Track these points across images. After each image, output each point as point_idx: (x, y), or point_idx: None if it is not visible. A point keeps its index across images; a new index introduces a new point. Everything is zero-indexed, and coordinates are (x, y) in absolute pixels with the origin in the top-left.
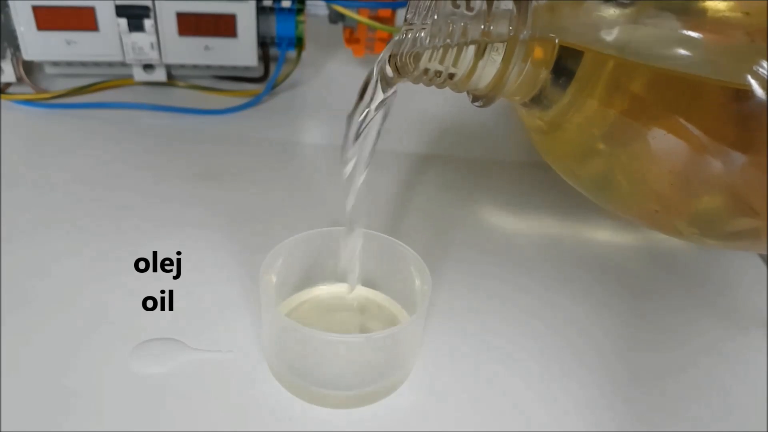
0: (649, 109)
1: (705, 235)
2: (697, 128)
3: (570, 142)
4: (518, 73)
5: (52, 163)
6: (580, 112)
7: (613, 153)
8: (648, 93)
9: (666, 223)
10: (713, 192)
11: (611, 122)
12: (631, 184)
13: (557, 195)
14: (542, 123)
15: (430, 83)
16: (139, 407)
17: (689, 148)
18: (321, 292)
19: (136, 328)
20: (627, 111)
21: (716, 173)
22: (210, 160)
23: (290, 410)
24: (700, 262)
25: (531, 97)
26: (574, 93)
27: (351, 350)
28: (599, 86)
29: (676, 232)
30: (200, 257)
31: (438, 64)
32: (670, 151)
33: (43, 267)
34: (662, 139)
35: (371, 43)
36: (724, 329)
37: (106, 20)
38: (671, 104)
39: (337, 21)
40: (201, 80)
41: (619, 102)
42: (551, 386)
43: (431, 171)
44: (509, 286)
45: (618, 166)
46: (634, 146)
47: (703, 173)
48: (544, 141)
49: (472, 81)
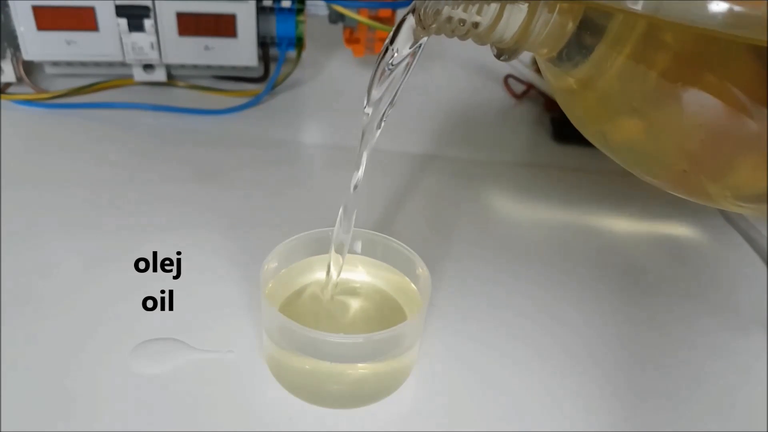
0: (683, 66)
1: (737, 197)
2: (732, 86)
3: (600, 100)
4: (544, 24)
5: (52, 163)
6: (611, 69)
7: (645, 111)
8: (682, 50)
9: (696, 186)
10: (745, 151)
11: (644, 79)
12: (662, 142)
13: (558, 195)
14: (571, 81)
15: (453, 34)
16: (139, 407)
17: (722, 106)
18: (318, 287)
19: (136, 328)
20: (660, 68)
21: (748, 131)
22: (210, 160)
23: (290, 410)
24: (700, 262)
25: (558, 51)
26: (605, 48)
27: (350, 350)
28: (631, 42)
29: (706, 196)
30: (200, 257)
31: (461, 12)
32: (703, 108)
33: (43, 267)
34: (695, 96)
35: (371, 43)
36: (724, 329)
37: (106, 20)
38: (706, 62)
39: (337, 21)
40: (201, 80)
41: (652, 59)
42: (551, 386)
43: (431, 171)
44: (509, 286)
45: (649, 124)
46: (666, 103)
47: (734, 131)
48: (573, 101)
49: (497, 31)
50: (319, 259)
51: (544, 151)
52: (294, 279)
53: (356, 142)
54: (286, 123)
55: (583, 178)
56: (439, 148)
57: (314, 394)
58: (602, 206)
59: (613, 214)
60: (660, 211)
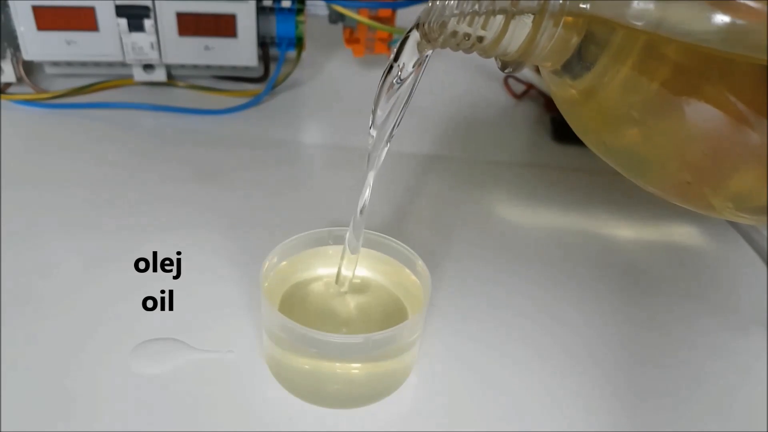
0: (684, 78)
1: (739, 209)
2: (733, 97)
3: (602, 111)
4: (549, 38)
5: (52, 163)
6: (613, 80)
7: (647, 122)
8: (684, 64)
9: (698, 197)
10: (747, 162)
11: (646, 91)
12: (664, 153)
13: (558, 195)
14: (574, 92)
15: (458, 48)
16: (139, 407)
17: (724, 117)
18: (318, 285)
19: (136, 328)
20: (662, 80)
21: (750, 144)
22: (210, 160)
23: (290, 410)
24: (701, 263)
25: (562, 63)
26: (608, 61)
27: (350, 350)
28: (633, 55)
29: (709, 207)
30: (200, 257)
31: (466, 27)
32: (704, 119)
33: (43, 267)
34: (697, 107)
35: (371, 43)
36: (724, 329)
37: (106, 20)
38: (707, 74)
39: (337, 21)
40: (201, 80)
41: (654, 71)
42: (551, 386)
43: (431, 171)
44: (509, 287)
45: (651, 135)
46: (669, 115)
47: (736, 143)
48: (576, 112)
49: (502, 45)
50: (319, 252)
51: (544, 151)
52: (293, 274)
53: (356, 142)
54: (286, 123)
55: (583, 179)
56: (439, 148)
57: (314, 394)
58: (602, 206)
59: (613, 214)
60: (660, 211)
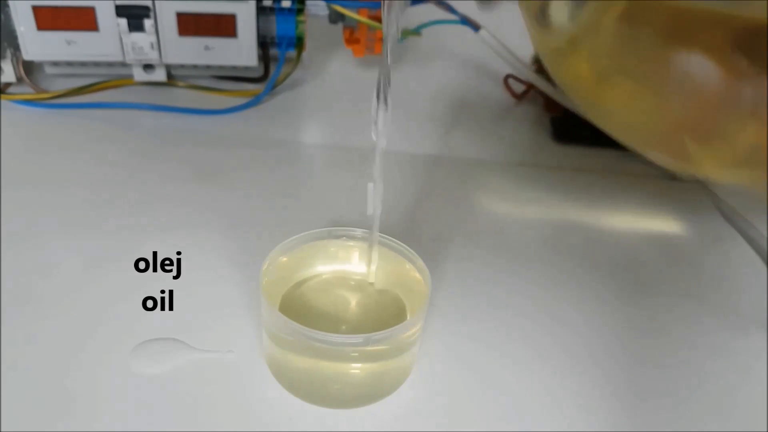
0: (676, 28)
1: (715, 157)
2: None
3: (590, 61)
4: None
5: (52, 163)
6: (601, 28)
7: (636, 72)
8: (676, 13)
9: (677, 145)
10: (737, 113)
11: (635, 40)
12: (653, 105)
13: (558, 195)
14: (560, 42)
15: None
16: (139, 407)
17: (714, 68)
18: (317, 283)
19: (136, 328)
20: (653, 29)
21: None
22: (210, 160)
23: (290, 410)
24: (700, 262)
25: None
26: (595, 6)
27: (350, 350)
28: (621, 3)
29: (684, 159)
30: (200, 257)
31: None
32: (695, 70)
33: (43, 267)
34: (687, 58)
35: (371, 43)
36: (724, 329)
37: (106, 20)
38: (699, 26)
39: (337, 21)
40: (201, 80)
41: (644, 19)
42: (551, 386)
43: (431, 171)
44: (509, 286)
45: (639, 86)
46: (658, 65)
47: (727, 94)
48: (563, 64)
49: None
50: (320, 248)
51: (544, 151)
52: (293, 273)
53: (356, 142)
54: (286, 123)
55: (583, 178)
56: (439, 148)
57: (314, 394)
58: (602, 206)
59: (613, 213)
60: (660, 211)
